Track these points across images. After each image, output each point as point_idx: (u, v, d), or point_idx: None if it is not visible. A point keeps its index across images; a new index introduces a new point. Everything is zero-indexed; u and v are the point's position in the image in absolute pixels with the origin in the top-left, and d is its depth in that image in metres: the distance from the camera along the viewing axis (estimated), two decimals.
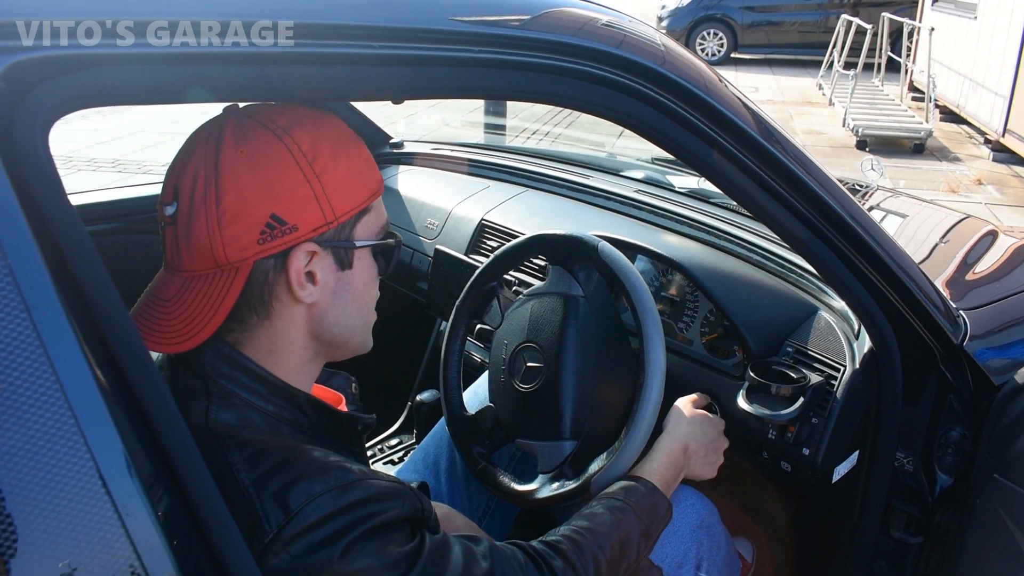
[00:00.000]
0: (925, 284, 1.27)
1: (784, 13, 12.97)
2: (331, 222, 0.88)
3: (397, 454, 2.35)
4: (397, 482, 0.89)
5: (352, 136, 0.93)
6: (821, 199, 1.11)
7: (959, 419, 1.35)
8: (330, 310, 0.93)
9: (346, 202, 0.89)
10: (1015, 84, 7.12)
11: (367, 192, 0.92)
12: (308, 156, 0.86)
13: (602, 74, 0.92)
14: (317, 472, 0.82)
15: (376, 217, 0.95)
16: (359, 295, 0.96)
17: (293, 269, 0.87)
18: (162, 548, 0.64)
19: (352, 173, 0.90)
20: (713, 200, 1.89)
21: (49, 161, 0.61)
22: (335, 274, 0.92)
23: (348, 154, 0.90)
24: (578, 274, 1.40)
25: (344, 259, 0.92)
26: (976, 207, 6.00)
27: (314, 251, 0.88)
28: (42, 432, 0.59)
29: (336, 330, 0.95)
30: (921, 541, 1.41)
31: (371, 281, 0.97)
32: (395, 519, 0.85)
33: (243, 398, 0.89)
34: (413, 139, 2.59)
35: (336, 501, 0.81)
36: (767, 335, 1.47)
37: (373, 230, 0.94)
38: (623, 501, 1.16)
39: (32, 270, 0.59)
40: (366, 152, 0.94)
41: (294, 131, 0.86)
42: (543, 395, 1.36)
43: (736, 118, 1.03)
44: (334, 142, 0.89)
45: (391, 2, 0.82)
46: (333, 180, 0.87)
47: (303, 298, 0.89)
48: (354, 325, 0.97)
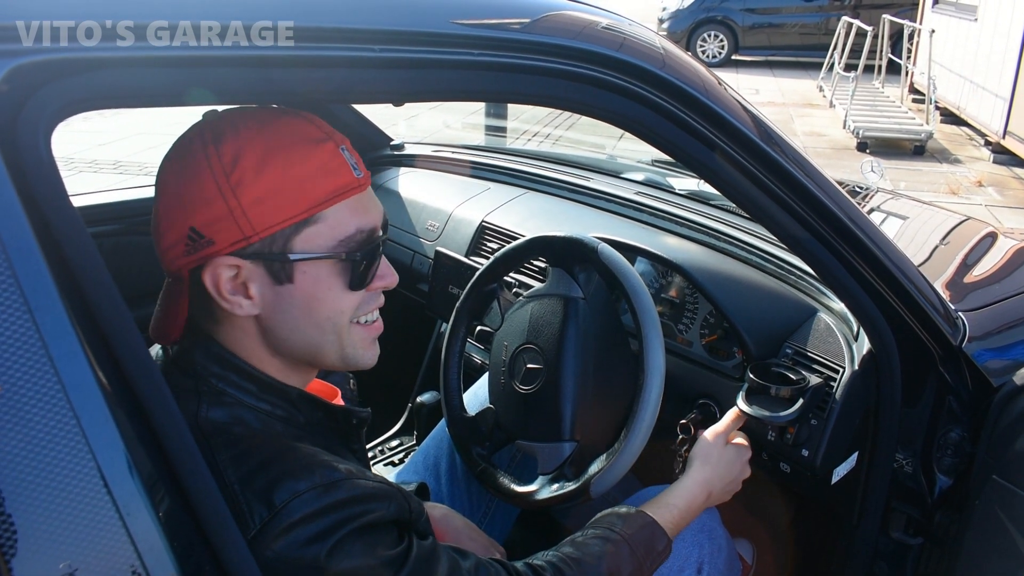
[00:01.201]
0: (924, 286, 1.27)
1: (785, 15, 12.97)
2: (250, 236, 0.84)
3: (398, 455, 2.35)
4: (385, 483, 0.88)
5: (306, 140, 0.87)
6: (819, 201, 1.11)
7: (958, 420, 1.35)
8: (278, 324, 0.90)
9: (272, 215, 0.84)
10: (1015, 86, 7.12)
11: (308, 202, 0.85)
12: (227, 168, 0.83)
13: (602, 77, 0.93)
14: (303, 470, 0.82)
15: (330, 228, 0.87)
16: (310, 310, 0.90)
17: (210, 283, 0.86)
18: (163, 548, 0.64)
19: (284, 183, 0.84)
20: (713, 202, 1.89)
21: (52, 163, 0.62)
22: (272, 288, 0.88)
23: (284, 163, 0.84)
24: (578, 276, 1.40)
25: (280, 273, 0.87)
26: (976, 209, 6.00)
27: (238, 264, 0.86)
28: (44, 432, 0.59)
29: (293, 344, 0.92)
30: (921, 542, 1.41)
31: (327, 295, 0.90)
32: (381, 520, 0.85)
33: (234, 396, 0.89)
34: (414, 141, 2.60)
35: (321, 499, 0.80)
36: (766, 337, 1.48)
37: (323, 242, 0.87)
38: (618, 532, 1.13)
39: (35, 272, 0.59)
40: (321, 158, 0.86)
41: (223, 140, 0.84)
42: (543, 396, 1.36)
43: (735, 121, 1.03)
44: (268, 151, 0.84)
45: (392, 5, 0.83)
46: (254, 192, 0.83)
47: (235, 311, 0.88)
48: (316, 340, 0.92)
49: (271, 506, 0.79)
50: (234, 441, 0.85)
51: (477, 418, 1.48)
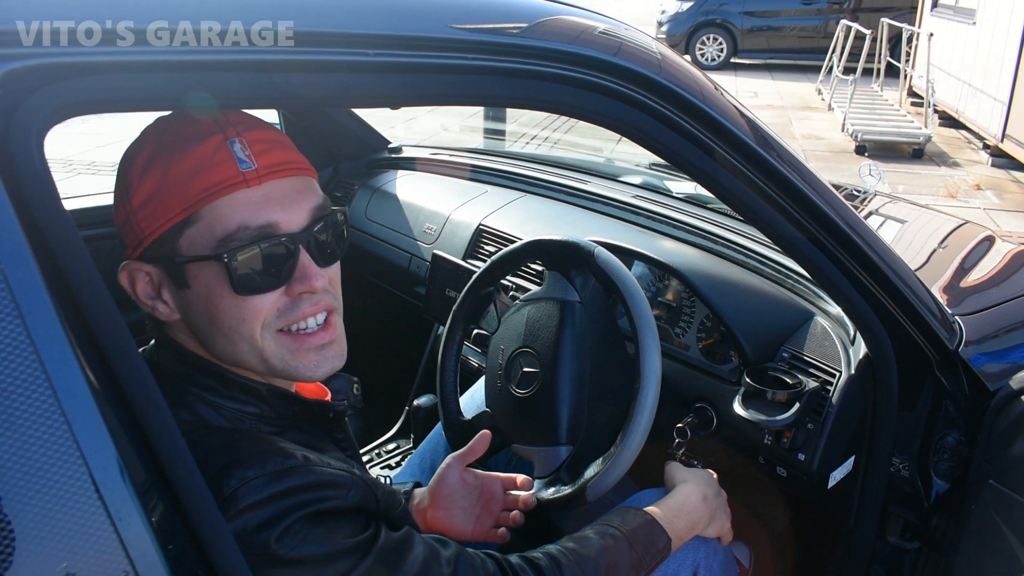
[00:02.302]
0: (920, 290, 1.27)
1: (784, 18, 12.99)
2: (143, 240, 0.84)
3: (394, 458, 2.35)
4: (346, 471, 0.87)
5: (192, 137, 0.82)
6: (815, 205, 1.11)
7: (955, 424, 1.35)
8: (196, 330, 0.89)
9: (155, 217, 0.83)
10: (1014, 89, 7.12)
11: (183, 202, 0.82)
12: (124, 172, 0.86)
13: (599, 82, 0.93)
14: (254, 458, 0.81)
15: (208, 227, 0.82)
16: (211, 316, 0.86)
17: (127, 285, 0.88)
18: (155, 553, 0.64)
19: (163, 184, 0.82)
20: (710, 206, 1.89)
21: (44, 167, 0.62)
22: (175, 293, 0.87)
23: (166, 163, 0.82)
24: (574, 279, 1.40)
25: (176, 277, 0.85)
26: (975, 212, 6.01)
27: (147, 270, 0.86)
28: (35, 437, 0.59)
29: (215, 351, 0.89)
30: (917, 546, 1.41)
31: (220, 300, 0.85)
32: (340, 507, 0.84)
33: (197, 394, 0.88)
34: (412, 144, 2.60)
35: (272, 485, 0.79)
36: (763, 340, 1.48)
37: (206, 242, 0.83)
38: (617, 528, 1.14)
39: (26, 276, 0.59)
40: (201, 154, 0.82)
41: (134, 145, 0.87)
42: (539, 400, 1.36)
43: (731, 125, 1.03)
44: (156, 152, 0.83)
45: (392, 10, 0.83)
46: (140, 195, 0.83)
47: (157, 316, 0.89)
48: (229, 349, 0.88)
49: (219, 493, 0.78)
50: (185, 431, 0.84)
51: (473, 422, 1.48)
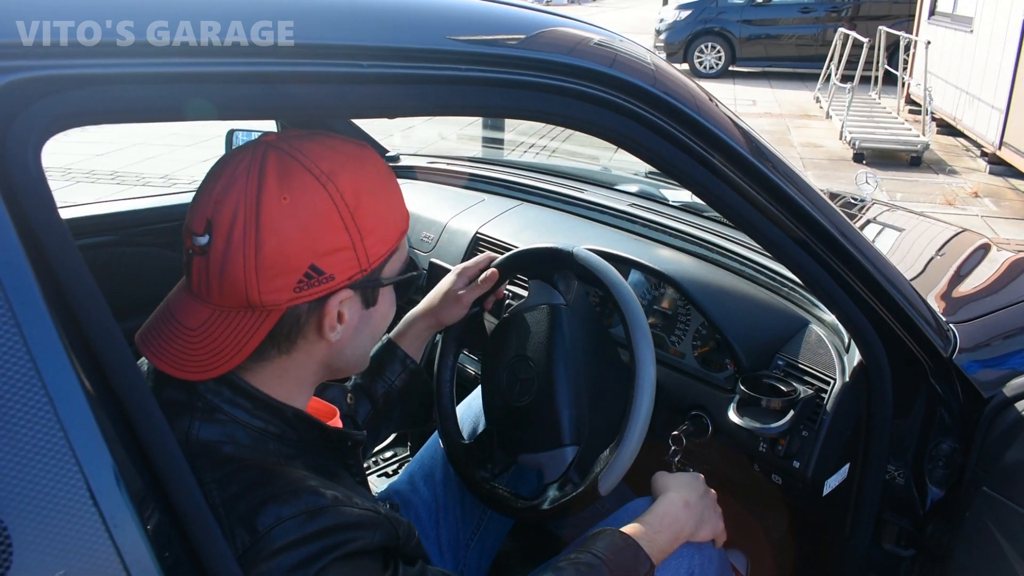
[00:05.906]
0: (914, 297, 1.27)
1: (782, 26, 13.03)
2: (365, 269, 0.90)
3: (392, 467, 2.35)
4: (372, 511, 0.88)
5: (387, 173, 0.94)
6: (809, 215, 1.12)
7: (949, 432, 1.36)
8: (349, 343, 0.95)
9: (380, 247, 0.91)
10: (1011, 97, 7.15)
11: (398, 232, 0.94)
12: (350, 205, 0.86)
13: (594, 93, 0.93)
14: (289, 495, 0.82)
15: (401, 253, 0.97)
16: (377, 327, 0.99)
17: (328, 315, 0.89)
18: (151, 562, 0.64)
19: (387, 216, 0.92)
20: (706, 214, 1.90)
21: (41, 178, 0.62)
22: (360, 312, 0.94)
23: (385, 197, 0.92)
24: (557, 283, 1.42)
25: (370, 298, 0.94)
26: (972, 220, 6.02)
27: (347, 296, 0.90)
28: (31, 446, 0.59)
29: (350, 359, 0.98)
30: (912, 554, 1.42)
31: (389, 311, 1.00)
32: (367, 548, 0.84)
33: (227, 412, 0.88)
34: (409, 152, 2.60)
35: (305, 527, 0.80)
36: (758, 348, 1.48)
37: (398, 266, 0.97)
38: (596, 555, 1.12)
39: (22, 285, 0.59)
40: (397, 188, 0.95)
41: (337, 177, 0.86)
42: (539, 406, 1.37)
43: (726, 136, 1.04)
44: (373, 186, 0.90)
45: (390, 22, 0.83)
46: (368, 227, 0.88)
47: (331, 338, 0.91)
48: (366, 352, 1.01)
49: (254, 531, 0.78)
50: (221, 462, 0.85)
51: (475, 443, 1.48)
